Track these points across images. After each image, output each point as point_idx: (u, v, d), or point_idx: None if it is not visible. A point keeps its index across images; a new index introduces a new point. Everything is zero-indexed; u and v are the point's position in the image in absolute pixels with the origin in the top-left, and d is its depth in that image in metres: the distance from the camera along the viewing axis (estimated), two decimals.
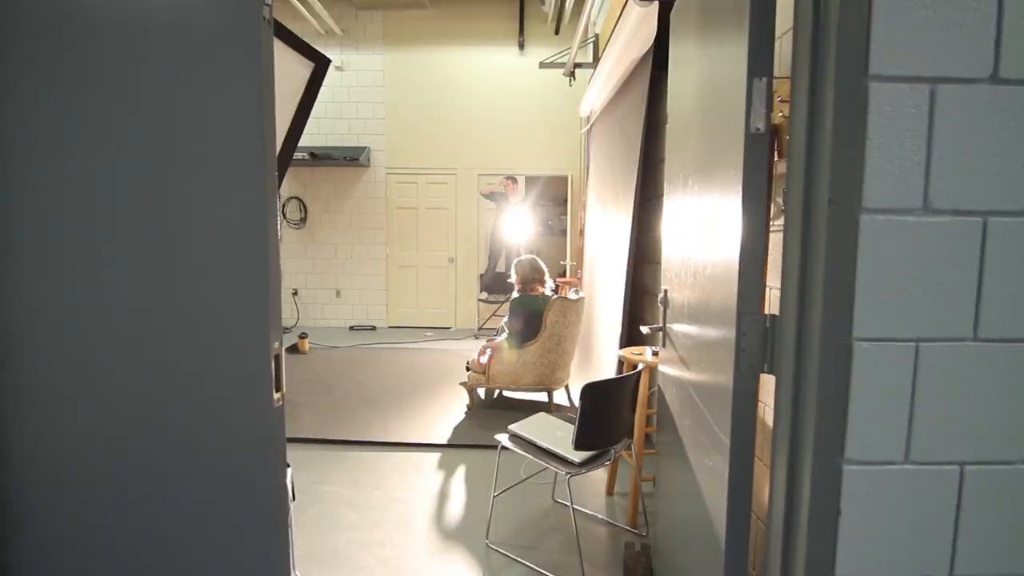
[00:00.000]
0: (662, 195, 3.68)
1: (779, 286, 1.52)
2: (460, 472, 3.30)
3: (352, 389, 4.91)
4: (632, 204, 3.54)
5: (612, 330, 4.10)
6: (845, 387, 1.01)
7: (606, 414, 2.30)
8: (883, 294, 1.00)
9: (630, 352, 2.81)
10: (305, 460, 3.41)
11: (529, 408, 4.37)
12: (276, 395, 1.14)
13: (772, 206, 1.63)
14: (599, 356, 4.61)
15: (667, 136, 2.11)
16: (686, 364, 1.76)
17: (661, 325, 2.12)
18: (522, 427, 2.62)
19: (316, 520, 2.74)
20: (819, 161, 1.03)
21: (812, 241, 1.05)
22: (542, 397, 4.47)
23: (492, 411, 4.36)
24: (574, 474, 2.28)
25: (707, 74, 1.56)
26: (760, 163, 1.16)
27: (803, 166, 1.05)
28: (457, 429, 3.96)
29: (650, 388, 2.86)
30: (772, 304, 1.63)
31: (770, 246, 1.45)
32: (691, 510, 1.73)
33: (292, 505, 2.70)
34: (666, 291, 2.09)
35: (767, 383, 1.22)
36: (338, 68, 7.66)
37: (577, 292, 4.48)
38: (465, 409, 4.37)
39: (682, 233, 1.85)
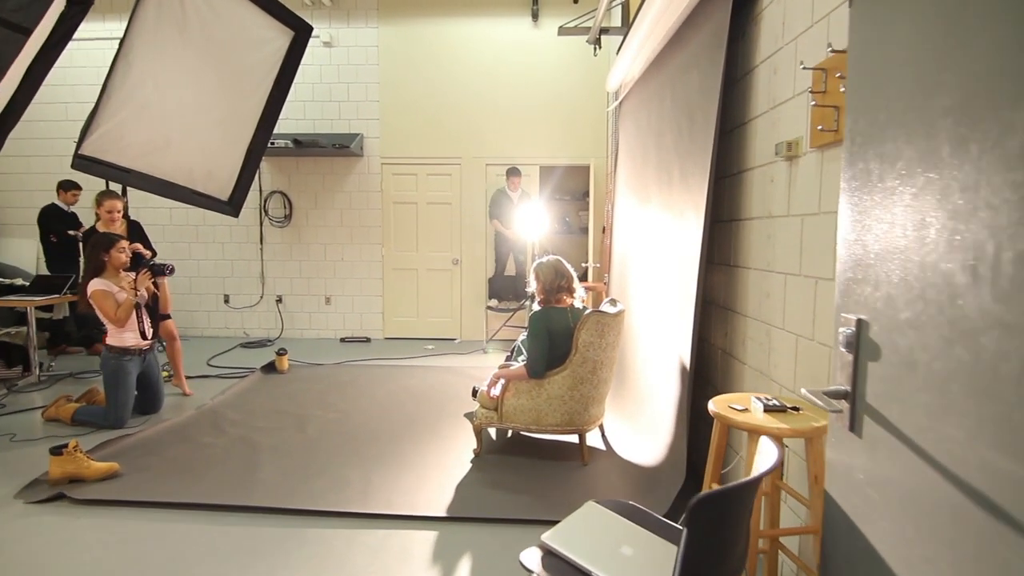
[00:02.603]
0: (738, 172, 2.68)
1: None
2: (464, 567, 2.29)
3: (329, 425, 3.91)
4: (705, 186, 2.52)
5: (666, 357, 3.08)
6: None
7: (722, 539, 1.29)
8: None
9: (728, 407, 1.79)
10: (250, 543, 2.41)
11: (553, 453, 3.35)
12: None
13: None
14: (641, 391, 3.58)
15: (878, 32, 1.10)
16: (982, 502, 0.75)
17: (848, 388, 1.11)
18: (562, 537, 1.61)
19: None
20: None
21: None
22: (571, 438, 3.46)
23: (506, 458, 3.35)
24: None
25: None
26: None
27: None
28: (460, 488, 2.95)
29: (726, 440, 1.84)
30: None
31: None
32: None
33: None
34: (861, 323, 1.08)
35: None
36: (326, 44, 6.69)
37: (615, 304, 3.46)
38: (472, 455, 3.36)
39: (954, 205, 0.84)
